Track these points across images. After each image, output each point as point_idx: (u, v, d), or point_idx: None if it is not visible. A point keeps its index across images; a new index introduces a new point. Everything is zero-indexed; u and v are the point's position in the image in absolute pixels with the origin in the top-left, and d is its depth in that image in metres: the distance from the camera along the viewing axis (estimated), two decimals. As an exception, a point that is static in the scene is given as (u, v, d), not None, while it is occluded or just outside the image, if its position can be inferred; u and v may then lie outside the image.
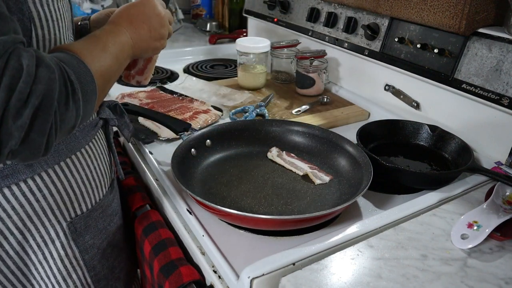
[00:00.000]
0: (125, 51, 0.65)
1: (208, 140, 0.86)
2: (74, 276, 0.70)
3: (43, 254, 0.66)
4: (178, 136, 0.87)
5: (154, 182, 0.84)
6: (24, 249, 0.64)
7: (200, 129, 0.90)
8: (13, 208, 0.60)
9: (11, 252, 0.63)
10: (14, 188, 0.59)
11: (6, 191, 0.59)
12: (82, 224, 0.68)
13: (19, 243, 0.63)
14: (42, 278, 0.68)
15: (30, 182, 0.60)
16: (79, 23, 0.79)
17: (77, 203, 0.67)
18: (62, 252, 0.67)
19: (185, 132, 0.85)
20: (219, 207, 0.63)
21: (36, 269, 0.67)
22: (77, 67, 0.51)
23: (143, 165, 0.90)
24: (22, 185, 0.60)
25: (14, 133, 0.43)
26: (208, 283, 0.66)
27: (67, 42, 0.60)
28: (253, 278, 0.55)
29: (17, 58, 0.43)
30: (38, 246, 0.65)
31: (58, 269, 0.68)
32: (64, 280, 0.69)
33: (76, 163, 0.65)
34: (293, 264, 0.58)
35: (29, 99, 0.43)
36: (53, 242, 0.66)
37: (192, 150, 0.82)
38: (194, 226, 0.69)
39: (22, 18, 0.51)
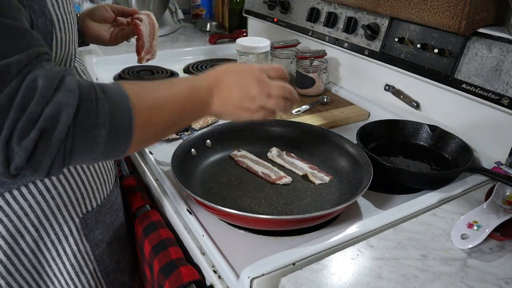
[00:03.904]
0: (196, 106, 0.60)
1: (208, 140, 0.86)
2: (86, 270, 0.72)
3: (57, 251, 0.68)
4: (178, 136, 0.87)
5: (154, 182, 0.84)
6: (39, 247, 0.66)
7: (200, 129, 0.90)
8: (30, 206, 0.62)
9: (26, 250, 0.65)
10: (31, 186, 0.61)
11: (23, 189, 0.60)
12: (93, 219, 0.71)
13: (35, 240, 0.65)
14: (55, 275, 0.69)
15: (46, 180, 0.62)
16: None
17: (88, 199, 0.70)
18: (75, 248, 0.70)
19: (185, 132, 0.85)
20: (219, 207, 0.63)
21: (50, 266, 0.68)
22: (118, 105, 0.47)
23: (143, 165, 0.90)
24: (39, 183, 0.62)
25: (19, 153, 0.43)
26: (208, 283, 0.66)
27: (76, 44, 0.63)
28: (253, 278, 0.55)
29: (33, 78, 0.43)
30: (53, 243, 0.67)
31: (72, 265, 0.70)
32: (77, 275, 0.71)
33: None
34: (293, 264, 0.58)
35: (38, 121, 0.43)
36: (66, 238, 0.68)
37: (192, 150, 0.82)
38: (194, 226, 0.69)
39: (45, 21, 0.53)
